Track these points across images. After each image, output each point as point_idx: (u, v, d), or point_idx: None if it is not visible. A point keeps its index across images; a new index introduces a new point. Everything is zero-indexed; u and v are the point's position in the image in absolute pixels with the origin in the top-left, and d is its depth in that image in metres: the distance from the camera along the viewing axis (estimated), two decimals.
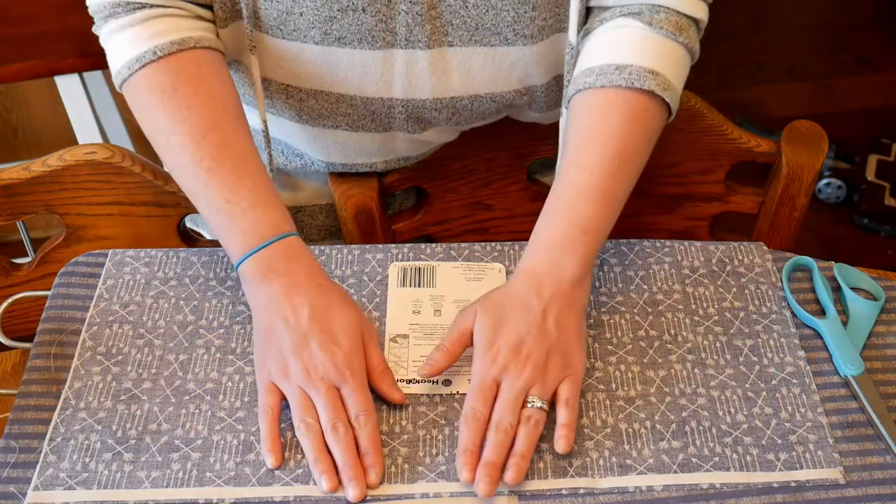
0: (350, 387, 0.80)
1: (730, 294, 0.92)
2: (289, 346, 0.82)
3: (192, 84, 0.89)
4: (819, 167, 1.10)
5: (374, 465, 0.77)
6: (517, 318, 0.82)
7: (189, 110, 0.88)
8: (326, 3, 0.91)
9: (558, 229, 0.86)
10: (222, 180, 0.86)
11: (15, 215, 1.03)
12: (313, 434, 0.78)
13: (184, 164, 0.88)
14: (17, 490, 0.77)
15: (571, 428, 0.78)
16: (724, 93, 2.44)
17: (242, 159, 0.88)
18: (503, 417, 0.78)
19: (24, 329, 0.98)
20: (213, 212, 0.87)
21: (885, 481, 0.77)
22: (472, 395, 0.80)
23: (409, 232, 1.17)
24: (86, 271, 0.94)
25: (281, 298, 0.83)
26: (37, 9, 1.71)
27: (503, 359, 0.80)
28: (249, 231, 0.85)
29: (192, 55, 0.90)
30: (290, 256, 0.85)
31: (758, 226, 1.17)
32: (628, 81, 0.89)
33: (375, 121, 1.02)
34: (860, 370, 0.85)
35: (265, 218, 0.86)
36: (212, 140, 0.87)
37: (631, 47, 0.91)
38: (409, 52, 0.95)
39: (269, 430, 0.79)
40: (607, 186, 0.87)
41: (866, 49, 2.73)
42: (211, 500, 0.77)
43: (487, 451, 0.77)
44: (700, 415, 0.82)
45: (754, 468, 0.78)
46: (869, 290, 0.93)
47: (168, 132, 0.88)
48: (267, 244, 0.85)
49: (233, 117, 0.90)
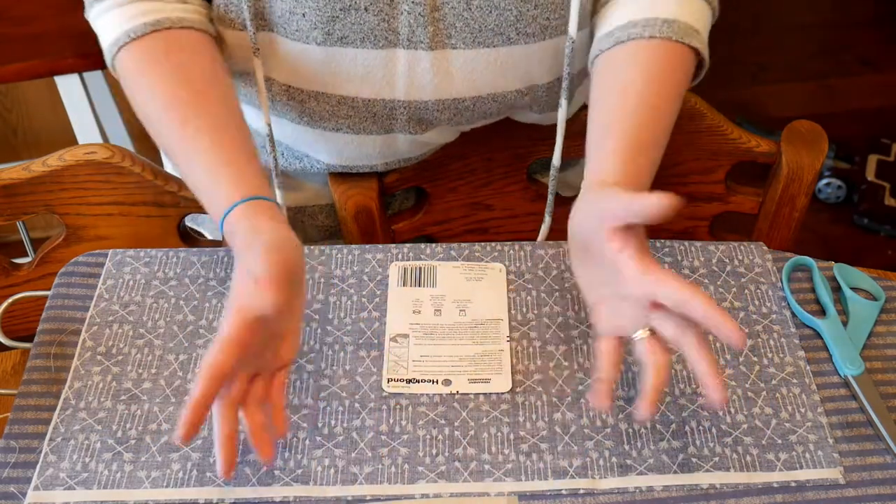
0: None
1: (730, 294, 0.92)
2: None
3: (157, 61, 0.88)
4: (819, 167, 1.10)
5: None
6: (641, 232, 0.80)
7: (153, 91, 0.88)
8: (329, 2, 0.91)
9: (619, 150, 0.84)
10: (207, 136, 0.85)
11: (15, 215, 1.03)
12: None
13: (168, 144, 0.88)
14: (17, 490, 0.77)
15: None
16: (725, 93, 2.44)
17: (226, 121, 0.87)
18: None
19: (24, 329, 0.98)
20: (198, 170, 0.85)
21: (885, 481, 0.77)
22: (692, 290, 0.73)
23: (409, 232, 1.17)
24: (86, 271, 0.94)
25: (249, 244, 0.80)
26: (37, 9, 1.71)
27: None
28: (231, 184, 0.83)
29: (165, 35, 0.90)
30: (266, 213, 0.81)
31: (758, 226, 1.17)
32: (678, 35, 0.90)
33: (377, 122, 1.02)
34: (860, 370, 0.85)
35: (239, 176, 0.84)
36: (199, 101, 0.87)
37: (668, 5, 0.92)
38: (411, 52, 0.95)
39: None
40: (658, 107, 0.88)
41: (866, 49, 2.74)
42: (211, 500, 0.77)
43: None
44: (700, 415, 0.82)
45: (754, 468, 0.78)
46: (869, 290, 0.93)
47: (146, 116, 0.88)
48: (240, 202, 0.82)
49: (202, 89, 0.88)
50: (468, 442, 0.81)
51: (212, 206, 0.84)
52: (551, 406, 0.83)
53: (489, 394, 0.84)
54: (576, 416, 0.82)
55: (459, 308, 0.91)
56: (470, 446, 0.80)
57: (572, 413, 0.82)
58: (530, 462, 0.79)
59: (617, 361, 0.78)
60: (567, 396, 0.84)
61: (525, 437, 0.81)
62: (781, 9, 2.89)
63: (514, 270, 0.94)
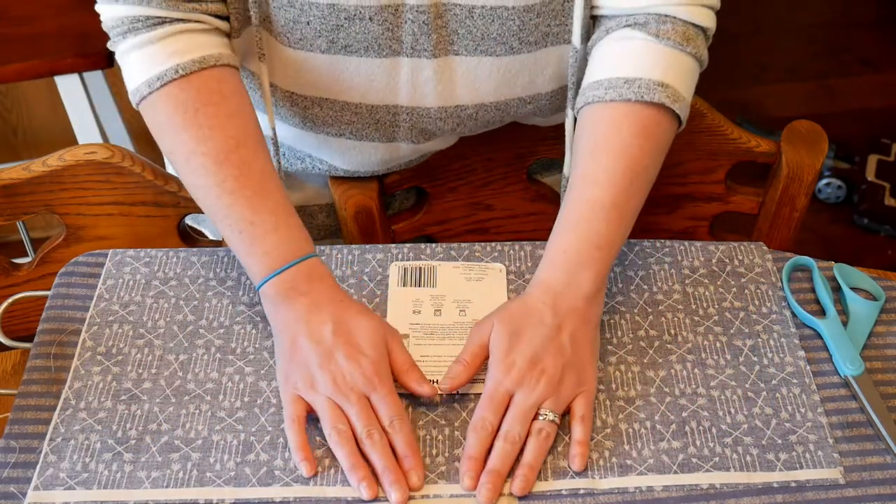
0: (380, 394, 0.80)
1: (730, 294, 0.92)
2: (315, 361, 0.81)
3: (214, 104, 0.88)
4: (819, 167, 1.10)
5: (415, 468, 0.77)
6: (532, 331, 0.82)
7: (211, 130, 0.87)
8: (333, 11, 0.91)
9: (573, 245, 0.86)
10: (245, 202, 0.86)
11: (15, 215, 1.03)
12: (346, 440, 0.78)
13: (206, 184, 0.87)
14: (17, 490, 0.77)
15: (586, 445, 0.79)
16: (725, 93, 2.44)
17: (263, 180, 0.88)
18: (513, 428, 0.78)
19: (24, 329, 0.98)
20: (235, 233, 0.87)
21: (885, 481, 0.77)
22: (483, 404, 0.80)
23: (409, 232, 1.17)
24: (86, 271, 0.94)
25: (305, 317, 0.84)
26: (37, 9, 1.71)
27: (518, 371, 0.80)
28: (272, 252, 0.85)
29: (212, 73, 0.89)
30: (312, 277, 0.86)
31: (758, 226, 1.17)
32: (638, 95, 0.88)
33: (380, 129, 1.02)
34: (860, 370, 0.85)
35: (288, 239, 0.86)
36: (233, 161, 0.87)
37: (639, 60, 0.90)
38: (414, 60, 0.95)
39: (298, 439, 0.79)
40: (620, 202, 0.87)
41: (867, 49, 2.73)
42: (211, 500, 0.77)
43: (493, 460, 0.77)
44: (700, 415, 0.82)
45: (754, 468, 0.78)
46: (869, 291, 0.93)
47: (189, 152, 0.88)
48: (289, 266, 0.85)
49: (252, 136, 0.89)
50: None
51: (269, 250, 0.86)
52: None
53: None
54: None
55: (460, 308, 0.90)
56: None
57: None
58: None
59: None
60: None
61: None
62: (782, 9, 2.89)
63: (515, 270, 0.94)
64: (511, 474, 0.77)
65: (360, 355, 0.81)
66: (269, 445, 0.80)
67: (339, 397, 0.79)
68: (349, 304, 0.85)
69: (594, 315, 0.86)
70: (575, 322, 0.83)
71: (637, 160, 0.88)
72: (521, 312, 0.84)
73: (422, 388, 0.81)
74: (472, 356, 0.83)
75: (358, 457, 0.77)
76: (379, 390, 0.80)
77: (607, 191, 0.86)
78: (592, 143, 0.89)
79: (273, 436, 0.81)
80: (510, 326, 0.83)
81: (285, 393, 0.82)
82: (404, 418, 0.79)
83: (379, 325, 0.84)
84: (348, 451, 0.77)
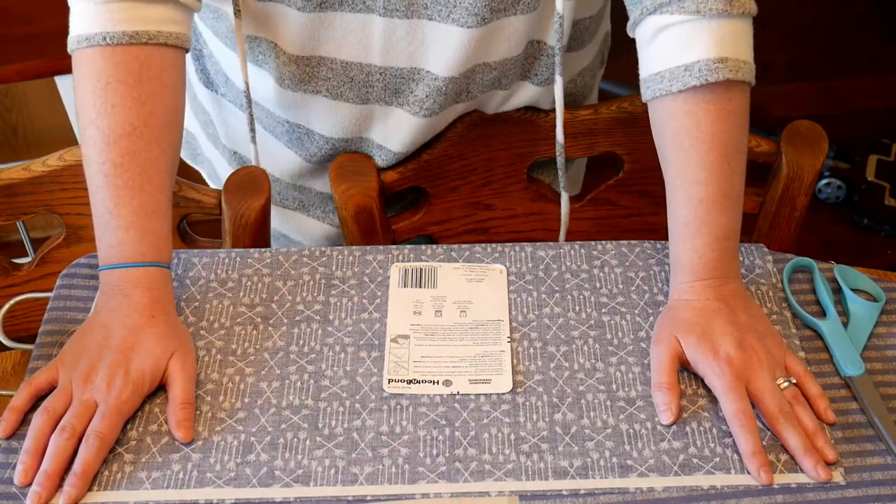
0: (105, 408, 0.80)
1: None
2: (90, 349, 0.83)
3: (127, 84, 0.87)
4: (819, 167, 1.10)
5: (72, 488, 0.76)
6: (717, 324, 0.85)
7: (113, 108, 0.87)
8: None
9: (706, 245, 0.88)
10: (113, 190, 0.86)
11: (15, 215, 1.03)
12: (44, 421, 0.79)
13: (88, 158, 0.88)
14: (18, 490, 0.77)
15: (825, 396, 0.83)
16: None
17: (141, 174, 0.87)
18: (782, 405, 0.81)
19: (25, 329, 0.98)
20: (95, 213, 0.88)
21: (885, 482, 0.77)
22: (730, 397, 0.81)
23: (410, 232, 1.17)
24: (87, 273, 0.94)
25: (111, 314, 0.85)
26: (37, 9, 1.71)
27: (738, 360, 0.83)
28: (116, 247, 0.87)
29: (140, 51, 0.88)
30: (140, 284, 0.86)
31: (758, 226, 1.17)
32: (701, 79, 0.87)
33: (354, 88, 1.04)
34: (861, 371, 0.85)
35: (136, 241, 0.87)
36: (121, 146, 0.86)
37: (690, 42, 0.89)
38: (387, 20, 0.98)
39: (19, 399, 0.82)
40: (726, 189, 0.89)
41: (867, 49, 2.73)
42: (211, 500, 0.77)
43: (794, 440, 0.79)
44: (701, 415, 0.82)
45: None
46: (869, 291, 0.93)
47: (88, 121, 0.88)
48: (125, 266, 0.86)
49: (154, 127, 0.88)
50: (469, 442, 0.81)
51: (113, 244, 0.87)
52: (552, 406, 0.83)
53: (490, 394, 0.84)
54: (576, 416, 0.82)
55: (460, 309, 0.91)
56: (470, 447, 0.80)
57: (573, 413, 0.82)
58: (531, 462, 0.79)
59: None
60: (568, 397, 0.84)
61: (526, 437, 0.81)
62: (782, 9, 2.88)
63: (515, 271, 0.94)
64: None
65: (122, 371, 0.82)
66: (270, 446, 0.80)
67: (78, 388, 0.81)
68: (158, 322, 0.85)
69: (745, 288, 0.90)
70: (739, 302, 0.87)
71: (725, 145, 0.89)
72: (695, 315, 0.86)
73: (177, 432, 0.81)
74: (669, 377, 0.84)
75: (40, 443, 0.78)
76: (108, 405, 0.80)
77: (712, 186, 0.88)
78: (678, 140, 0.90)
79: (273, 436, 0.81)
80: (697, 330, 0.85)
81: (54, 359, 0.84)
82: (105, 442, 0.79)
83: (165, 357, 0.84)
84: (37, 433, 0.79)
